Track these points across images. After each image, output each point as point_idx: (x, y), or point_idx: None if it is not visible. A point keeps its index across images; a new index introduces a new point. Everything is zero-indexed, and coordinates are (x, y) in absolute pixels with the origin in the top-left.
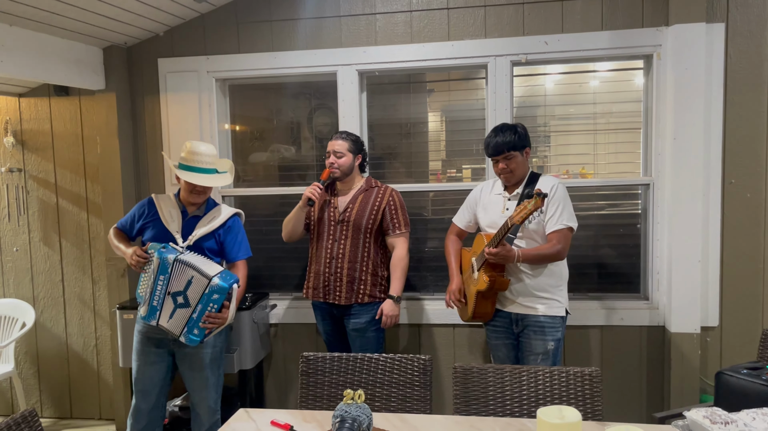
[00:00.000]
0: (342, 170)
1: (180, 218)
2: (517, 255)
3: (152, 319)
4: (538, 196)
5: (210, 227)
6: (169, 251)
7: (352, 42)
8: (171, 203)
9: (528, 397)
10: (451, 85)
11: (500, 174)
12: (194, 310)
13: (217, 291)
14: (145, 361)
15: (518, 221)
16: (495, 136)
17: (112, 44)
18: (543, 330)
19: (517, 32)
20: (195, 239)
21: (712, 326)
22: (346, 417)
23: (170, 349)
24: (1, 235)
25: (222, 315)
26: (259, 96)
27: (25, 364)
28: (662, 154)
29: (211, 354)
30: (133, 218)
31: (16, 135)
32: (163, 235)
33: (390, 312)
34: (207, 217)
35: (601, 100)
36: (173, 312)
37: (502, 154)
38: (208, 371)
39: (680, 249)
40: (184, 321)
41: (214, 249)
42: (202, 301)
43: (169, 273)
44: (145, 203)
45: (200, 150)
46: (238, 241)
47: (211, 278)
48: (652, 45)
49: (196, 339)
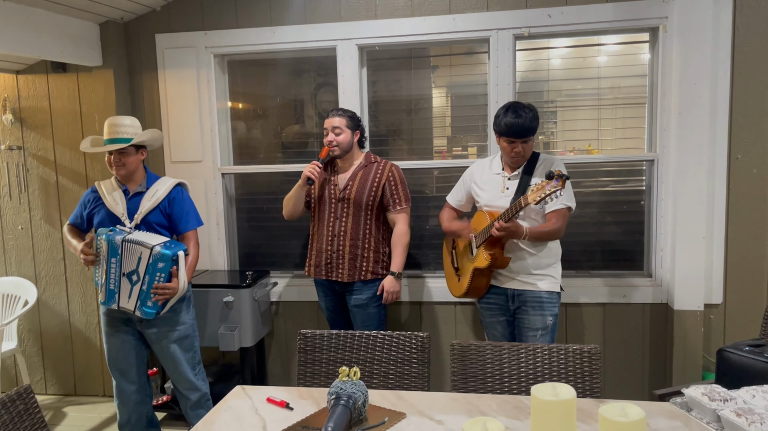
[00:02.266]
0: (341, 147)
1: (123, 199)
2: (525, 232)
3: (112, 303)
4: (560, 177)
5: (155, 201)
6: (117, 233)
7: (352, 16)
8: (112, 186)
9: (526, 375)
10: (453, 59)
11: (513, 156)
12: (143, 283)
13: (161, 259)
14: (116, 341)
15: (533, 201)
16: (517, 116)
17: (108, 19)
18: (542, 305)
19: (520, 5)
20: (142, 216)
21: (716, 303)
22: (341, 394)
23: (137, 329)
24: (3, 214)
25: (171, 285)
26: (261, 73)
27: (29, 341)
28: (667, 129)
29: (178, 332)
30: (81, 209)
31: (15, 112)
32: (110, 219)
33: (391, 288)
34: (150, 191)
35: (605, 74)
36: (131, 291)
37: (526, 136)
38: (176, 347)
39: (684, 226)
40: (137, 295)
41: (163, 224)
42: (148, 272)
43: (119, 255)
44: (89, 192)
45: (116, 122)
46: (185, 211)
47: (153, 247)
48: (658, 17)
49: (152, 311)
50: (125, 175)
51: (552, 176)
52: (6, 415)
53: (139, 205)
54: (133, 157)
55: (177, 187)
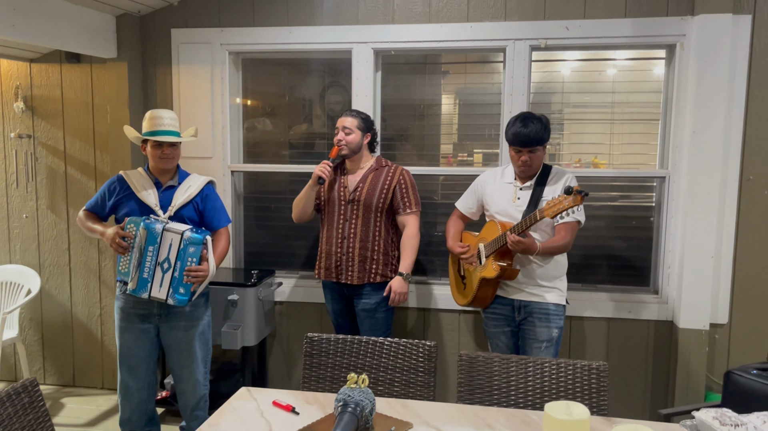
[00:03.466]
0: (350, 147)
1: (155, 191)
2: (538, 248)
3: (143, 292)
4: (578, 193)
5: (188, 195)
6: (155, 222)
7: (369, 20)
8: (143, 177)
9: (533, 389)
10: (467, 67)
11: (520, 165)
12: (175, 269)
13: (192, 242)
14: (130, 337)
15: (549, 215)
16: (524, 126)
17: (125, 12)
18: (548, 317)
19: (538, 16)
20: (175, 209)
21: (722, 323)
22: (348, 401)
23: (156, 324)
24: (9, 201)
25: (202, 268)
26: (271, 71)
27: (30, 331)
28: (680, 146)
29: (199, 327)
30: (104, 197)
31: (27, 101)
32: (140, 210)
33: (399, 289)
34: (183, 186)
35: (618, 89)
36: (162, 279)
37: (531, 146)
38: (196, 345)
39: (693, 244)
40: (168, 282)
41: (194, 219)
42: (180, 257)
43: (158, 244)
44: (115, 180)
45: (161, 114)
46: (218, 208)
47: (183, 232)
48: (676, 34)
49: (184, 299)
50: (169, 168)
51: (570, 191)
52: (11, 407)
53: (171, 198)
54: (179, 151)
55: (208, 185)
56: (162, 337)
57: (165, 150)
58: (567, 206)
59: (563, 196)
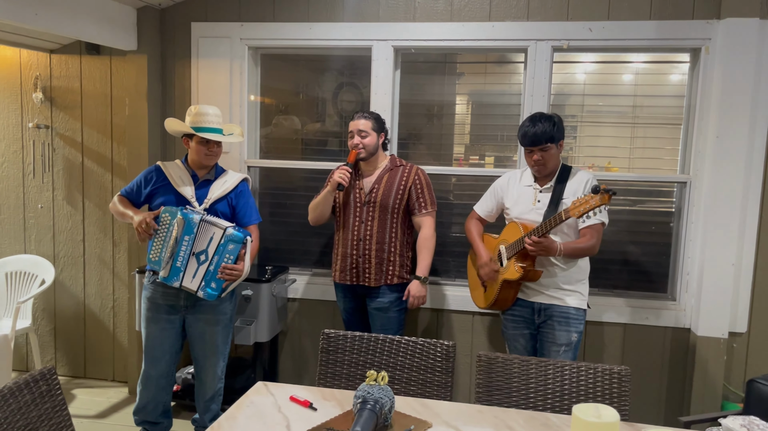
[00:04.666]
0: (368, 150)
1: (192, 183)
2: (559, 248)
3: (175, 280)
4: (606, 191)
5: (224, 190)
6: (192, 212)
7: (390, 17)
8: (180, 169)
9: (553, 391)
10: (486, 68)
11: (533, 165)
12: (211, 262)
13: (233, 239)
14: (155, 328)
15: (576, 215)
16: (532, 125)
17: (146, 4)
18: (568, 321)
19: (561, 17)
20: (211, 203)
21: (740, 332)
22: (368, 398)
23: (182, 315)
24: (26, 191)
25: (238, 267)
26: (287, 67)
27: (42, 321)
28: (702, 152)
29: (224, 321)
30: (140, 184)
31: (45, 91)
32: (175, 200)
33: (417, 293)
34: (219, 181)
35: (638, 92)
36: (196, 271)
37: (540, 144)
38: (219, 337)
39: (714, 251)
40: (202, 275)
41: (226, 214)
42: (218, 252)
43: (194, 234)
44: (153, 170)
45: (208, 110)
46: (250, 205)
47: (226, 228)
48: (701, 38)
49: (214, 293)
50: (212, 164)
51: (598, 190)
52: (29, 395)
53: (207, 191)
54: (222, 149)
55: (243, 181)
56: (187, 328)
57: (212, 147)
58: (594, 205)
59: (590, 194)
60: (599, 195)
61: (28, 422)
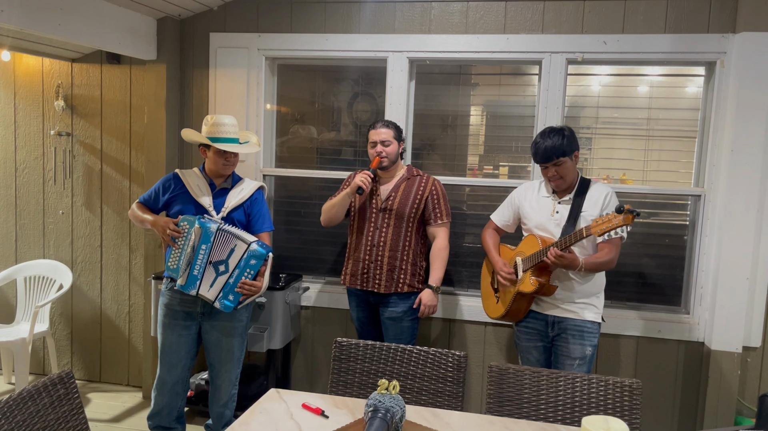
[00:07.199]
0: (390, 158)
1: (209, 192)
2: (580, 263)
3: (191, 289)
4: (629, 212)
5: (240, 198)
6: (209, 221)
7: (406, 29)
8: (198, 177)
9: (564, 403)
10: (501, 79)
11: (551, 180)
12: (231, 275)
13: (255, 256)
14: (172, 335)
15: (597, 233)
16: (543, 141)
17: (166, 15)
18: (583, 335)
19: (576, 29)
20: (228, 211)
21: (755, 347)
22: (379, 406)
23: (198, 322)
24: (46, 197)
25: (257, 283)
26: (303, 77)
27: (60, 325)
28: (717, 165)
29: (240, 328)
30: (158, 192)
31: (67, 99)
32: (194, 209)
33: (429, 302)
34: (236, 189)
35: (653, 105)
36: (214, 280)
37: (552, 160)
38: (235, 344)
39: (728, 265)
40: (221, 286)
41: (241, 221)
42: (239, 266)
43: (211, 243)
44: (171, 178)
45: (224, 121)
46: (263, 214)
47: (250, 243)
48: (717, 52)
49: (231, 305)
50: (229, 173)
51: (621, 210)
52: (47, 398)
53: (224, 200)
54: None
55: (258, 189)
56: (204, 335)
57: (229, 157)
58: (616, 225)
59: (613, 214)
60: (623, 215)
61: (46, 425)
